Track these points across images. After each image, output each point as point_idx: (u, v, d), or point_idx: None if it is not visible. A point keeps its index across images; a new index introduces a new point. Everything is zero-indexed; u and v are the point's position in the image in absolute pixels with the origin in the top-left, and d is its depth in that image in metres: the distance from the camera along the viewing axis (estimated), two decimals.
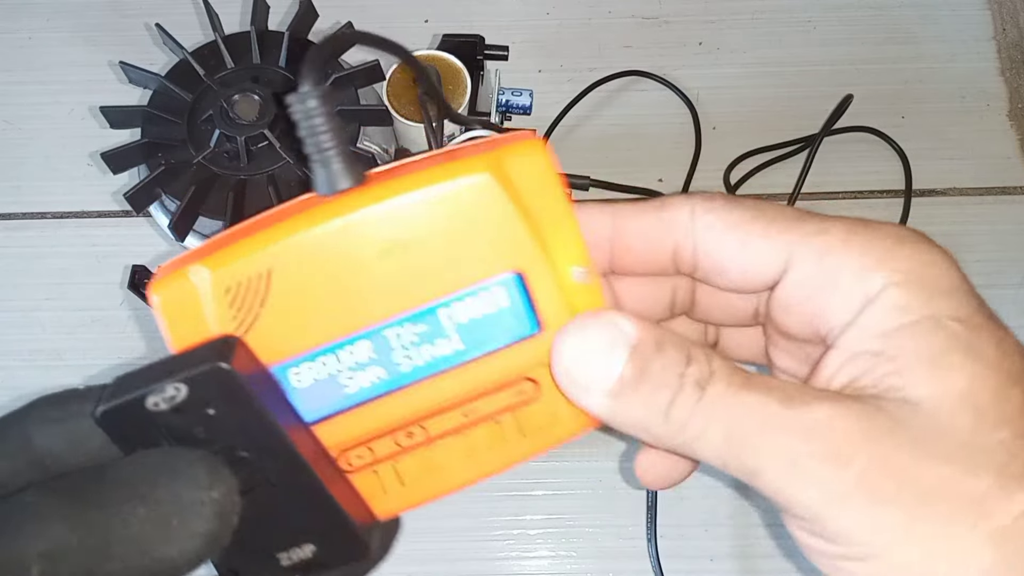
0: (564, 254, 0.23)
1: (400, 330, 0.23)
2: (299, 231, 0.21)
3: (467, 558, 0.57)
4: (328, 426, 0.23)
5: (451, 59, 0.43)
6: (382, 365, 0.23)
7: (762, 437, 0.21)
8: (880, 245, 0.24)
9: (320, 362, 0.23)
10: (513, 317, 0.23)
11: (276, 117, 0.38)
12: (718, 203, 0.24)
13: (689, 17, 0.73)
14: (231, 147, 0.38)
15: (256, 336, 0.22)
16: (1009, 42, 0.71)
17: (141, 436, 0.19)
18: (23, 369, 0.63)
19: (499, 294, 0.23)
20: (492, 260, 0.22)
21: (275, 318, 0.22)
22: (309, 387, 0.23)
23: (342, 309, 0.22)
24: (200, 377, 0.19)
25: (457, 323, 0.23)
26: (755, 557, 0.56)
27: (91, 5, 0.75)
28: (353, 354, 0.23)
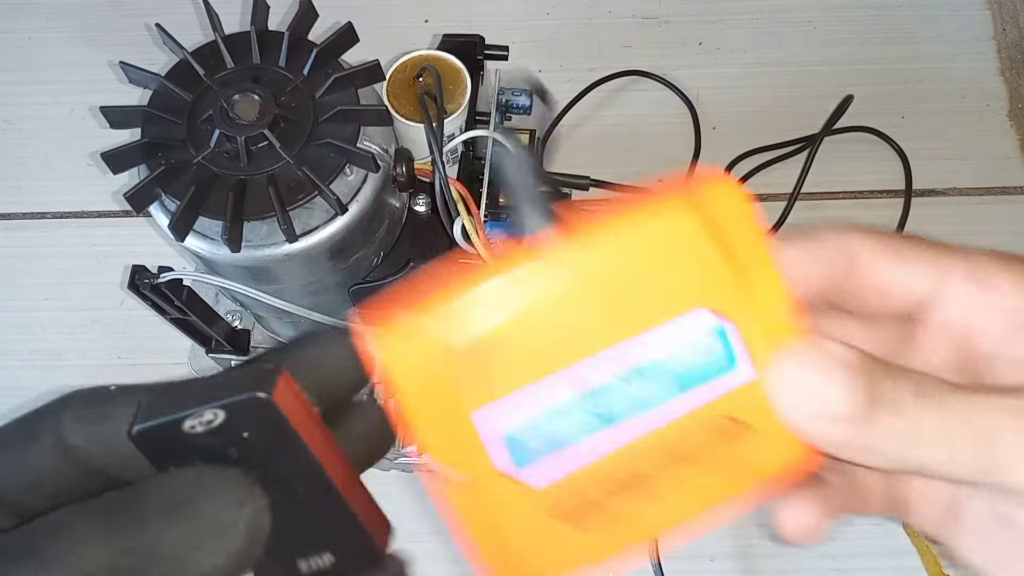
0: (763, 292, 0.22)
1: (600, 367, 0.22)
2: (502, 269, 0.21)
3: None
4: (566, 484, 0.23)
5: (451, 59, 0.43)
6: (588, 411, 0.22)
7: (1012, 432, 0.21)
8: None
9: (526, 404, 0.22)
10: (714, 355, 0.22)
11: (276, 117, 0.38)
12: (867, 229, 0.25)
13: (689, 17, 0.73)
14: (231, 147, 0.38)
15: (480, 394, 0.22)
16: (1009, 42, 0.71)
17: (174, 453, 0.19)
18: (23, 369, 0.63)
19: (699, 333, 0.22)
20: (692, 299, 0.22)
21: (498, 361, 0.22)
22: (516, 432, 0.23)
23: (553, 349, 0.22)
24: (240, 405, 0.19)
25: (654, 361, 0.22)
26: (755, 557, 0.56)
27: (91, 5, 0.75)
28: (556, 396, 0.22)
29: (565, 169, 0.52)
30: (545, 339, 0.22)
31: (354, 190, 0.40)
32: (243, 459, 0.19)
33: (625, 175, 0.60)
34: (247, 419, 0.19)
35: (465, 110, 0.42)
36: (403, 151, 0.42)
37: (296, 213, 0.38)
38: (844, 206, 0.66)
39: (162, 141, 0.39)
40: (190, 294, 0.47)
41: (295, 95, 0.40)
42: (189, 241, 0.39)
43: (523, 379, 0.22)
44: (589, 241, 0.21)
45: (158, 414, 0.19)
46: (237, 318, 0.56)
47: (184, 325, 0.50)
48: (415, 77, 0.42)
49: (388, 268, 0.44)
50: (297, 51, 0.41)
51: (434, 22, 0.73)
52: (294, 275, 0.41)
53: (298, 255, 0.39)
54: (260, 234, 0.39)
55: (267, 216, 0.38)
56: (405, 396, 0.22)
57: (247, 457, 0.19)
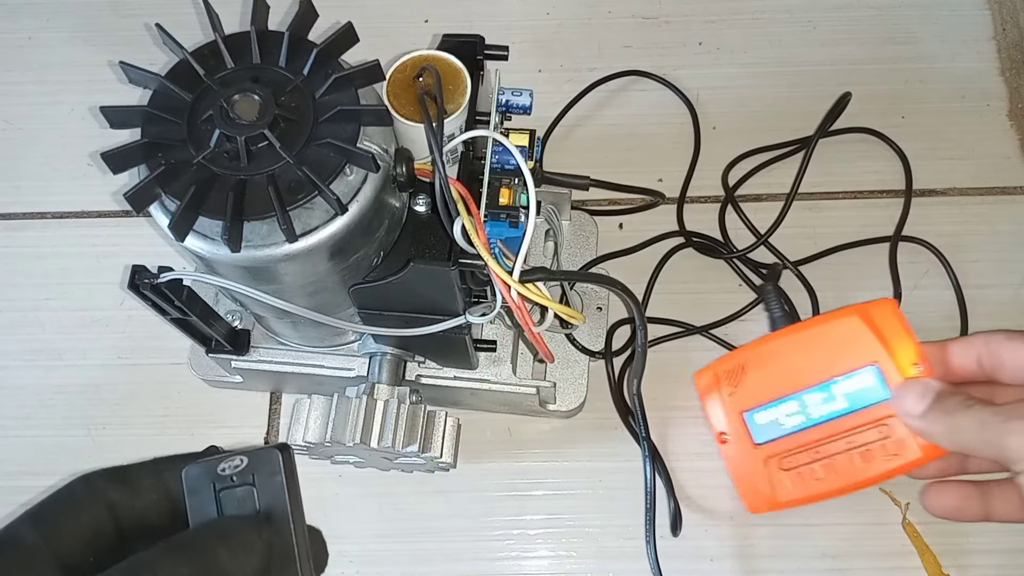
0: (905, 355, 0.44)
1: (810, 395, 0.45)
2: (761, 344, 0.47)
3: (467, 558, 0.57)
4: (773, 444, 0.46)
5: (451, 59, 0.43)
6: (803, 414, 0.45)
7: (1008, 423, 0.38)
8: None
9: (769, 411, 0.46)
10: (874, 388, 0.44)
11: (276, 117, 0.38)
12: (1005, 332, 0.43)
13: (689, 17, 0.73)
14: (231, 147, 0.38)
15: (735, 397, 0.47)
16: (1009, 42, 0.71)
17: (204, 489, 0.29)
18: (23, 369, 0.63)
19: (867, 376, 0.44)
20: (861, 358, 0.44)
21: (748, 386, 0.47)
22: (763, 423, 0.46)
23: (780, 382, 0.46)
24: (260, 453, 0.29)
25: (844, 392, 0.44)
26: (755, 557, 0.56)
27: (91, 5, 0.76)
28: (785, 407, 0.46)
29: (565, 169, 0.52)
30: (782, 376, 0.46)
31: (354, 190, 0.40)
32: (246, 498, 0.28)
33: (625, 175, 0.60)
34: (260, 464, 0.28)
35: (465, 110, 0.42)
36: (403, 151, 0.42)
37: (296, 213, 0.38)
38: (844, 206, 0.66)
39: (162, 141, 0.39)
40: (190, 294, 0.47)
41: (295, 95, 0.40)
42: (189, 241, 0.39)
43: (769, 397, 0.46)
44: (808, 325, 0.47)
45: (203, 461, 0.28)
46: (237, 318, 0.56)
47: (184, 325, 0.50)
48: (415, 77, 0.42)
49: (388, 268, 0.44)
50: (297, 51, 0.41)
51: (434, 22, 0.73)
52: (294, 275, 0.41)
53: (298, 255, 0.39)
54: (260, 234, 0.39)
55: (267, 216, 0.38)
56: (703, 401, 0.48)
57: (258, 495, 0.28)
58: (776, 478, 0.47)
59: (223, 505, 0.28)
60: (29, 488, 0.60)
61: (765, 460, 0.47)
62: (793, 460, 0.46)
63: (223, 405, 0.61)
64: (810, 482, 0.46)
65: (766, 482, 0.47)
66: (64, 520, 0.27)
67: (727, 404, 0.48)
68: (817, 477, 0.46)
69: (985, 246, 0.64)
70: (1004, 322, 0.61)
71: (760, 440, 0.47)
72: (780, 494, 0.47)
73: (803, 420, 0.46)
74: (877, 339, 0.45)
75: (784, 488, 0.47)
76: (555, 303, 0.43)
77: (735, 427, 0.48)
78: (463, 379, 0.55)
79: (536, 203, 0.41)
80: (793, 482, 0.46)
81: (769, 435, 0.47)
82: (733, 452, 0.48)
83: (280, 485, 0.28)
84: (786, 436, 0.46)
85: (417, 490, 0.59)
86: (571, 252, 0.62)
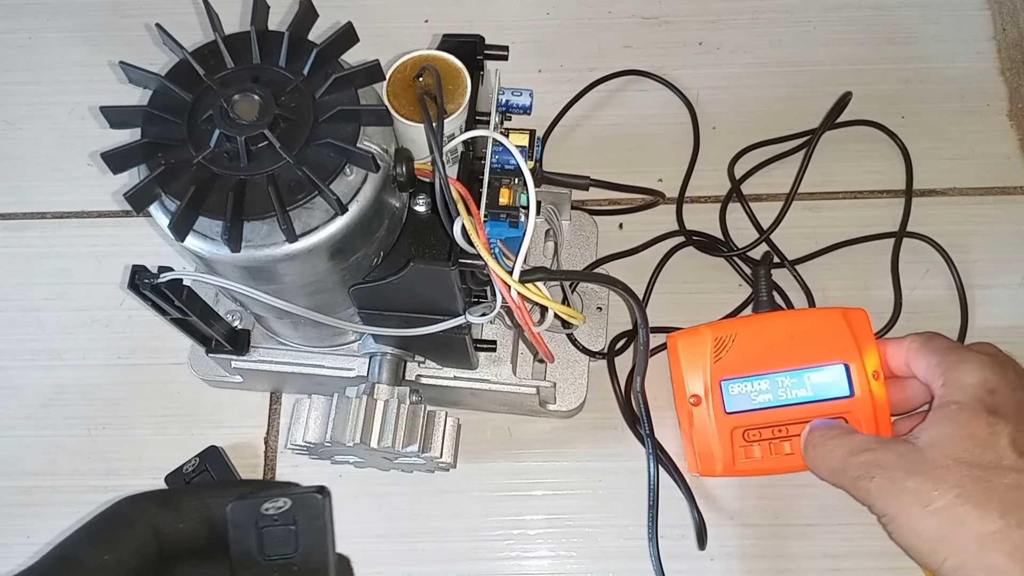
0: (871, 362, 0.50)
1: (783, 378, 0.51)
2: (751, 320, 0.54)
3: (467, 558, 0.57)
4: (741, 416, 0.51)
5: (451, 59, 0.43)
6: (771, 392, 0.51)
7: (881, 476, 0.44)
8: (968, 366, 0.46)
9: (744, 384, 0.51)
10: (840, 384, 0.50)
11: (276, 117, 0.38)
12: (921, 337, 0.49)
13: (689, 17, 0.73)
14: (231, 147, 0.38)
15: (719, 364, 0.51)
16: (1009, 42, 0.71)
17: (248, 525, 0.29)
18: (23, 369, 0.63)
19: (837, 372, 0.50)
20: (834, 354, 0.51)
21: (731, 357, 0.51)
22: (736, 394, 0.51)
23: (761, 359, 0.51)
24: (301, 497, 0.30)
25: (812, 381, 0.50)
26: (755, 557, 0.56)
27: (91, 5, 0.75)
28: (759, 384, 0.51)
29: (565, 169, 0.52)
30: (760, 354, 0.51)
31: (354, 190, 0.40)
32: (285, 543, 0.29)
33: (625, 175, 0.60)
34: (303, 507, 0.29)
35: (465, 110, 0.42)
36: (403, 151, 0.42)
37: (296, 213, 0.38)
38: (844, 206, 0.66)
39: (162, 141, 0.39)
40: (190, 294, 0.47)
41: (295, 95, 0.40)
42: (189, 241, 0.39)
43: (746, 371, 0.51)
44: (799, 312, 0.57)
45: (249, 497, 0.30)
46: (237, 318, 0.56)
47: (184, 325, 0.50)
48: (415, 77, 0.42)
49: (388, 268, 0.44)
50: (297, 51, 0.41)
51: (434, 22, 0.73)
52: (294, 275, 0.41)
53: (298, 255, 0.39)
54: (260, 234, 0.39)
55: (267, 216, 0.38)
56: (682, 362, 0.53)
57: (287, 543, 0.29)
58: (737, 447, 0.51)
59: (264, 542, 0.30)
60: (29, 488, 0.60)
61: (732, 429, 0.51)
62: (757, 433, 0.51)
63: (223, 405, 0.61)
64: (768, 456, 0.51)
65: (727, 449, 0.52)
66: (115, 539, 0.28)
67: (709, 369, 0.51)
68: (775, 453, 0.51)
69: (985, 246, 0.64)
70: (1004, 322, 0.61)
71: (731, 410, 0.51)
72: (738, 462, 0.52)
73: (771, 399, 0.51)
74: (853, 341, 0.50)
75: (741, 457, 0.52)
76: (555, 303, 0.43)
77: (711, 392, 0.52)
78: (463, 379, 0.55)
79: (536, 203, 0.41)
80: (750, 454, 0.51)
81: (740, 406, 0.51)
82: (702, 416, 0.52)
83: (322, 529, 0.30)
84: (755, 411, 0.51)
85: (417, 490, 0.59)
86: (571, 252, 0.62)
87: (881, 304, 0.61)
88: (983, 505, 0.41)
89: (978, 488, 0.41)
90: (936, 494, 0.41)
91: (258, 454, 0.60)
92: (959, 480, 0.41)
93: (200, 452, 0.58)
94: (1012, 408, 0.43)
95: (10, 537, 0.59)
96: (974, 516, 0.40)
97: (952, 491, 0.41)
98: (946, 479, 0.42)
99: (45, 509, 0.59)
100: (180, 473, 0.58)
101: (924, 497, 0.42)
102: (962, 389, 0.44)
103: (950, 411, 0.44)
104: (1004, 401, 0.44)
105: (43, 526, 0.59)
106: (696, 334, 0.53)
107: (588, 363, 0.59)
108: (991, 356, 0.46)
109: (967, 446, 0.42)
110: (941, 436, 0.43)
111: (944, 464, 0.42)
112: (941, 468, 0.42)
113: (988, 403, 0.43)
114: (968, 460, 0.42)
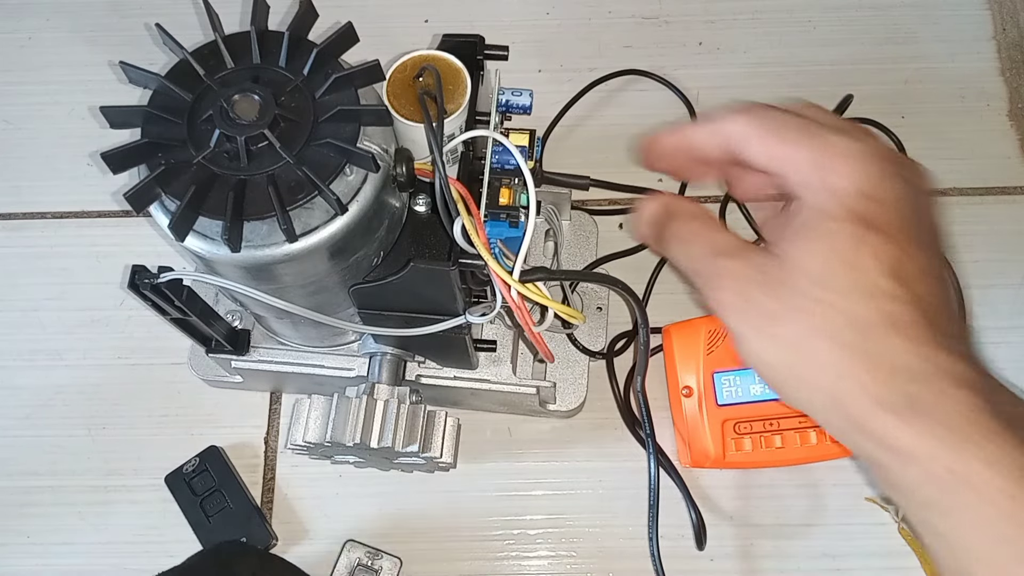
0: None
1: None
2: None
3: (467, 558, 0.57)
4: (733, 408, 0.51)
5: (451, 59, 0.43)
6: (763, 386, 0.50)
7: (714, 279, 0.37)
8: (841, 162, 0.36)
9: (736, 376, 0.52)
10: None
11: (276, 117, 0.38)
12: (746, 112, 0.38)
13: (689, 17, 0.73)
14: (231, 147, 0.38)
15: (712, 356, 0.52)
16: (1009, 42, 0.71)
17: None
18: (23, 369, 0.63)
19: None
20: None
21: (724, 349, 0.52)
22: (728, 387, 0.51)
23: None
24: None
25: None
26: (755, 557, 0.56)
27: (91, 5, 0.75)
28: (751, 377, 0.52)
29: (565, 169, 0.52)
30: None
31: (354, 190, 0.40)
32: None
33: (625, 175, 0.60)
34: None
35: (465, 110, 0.42)
36: (403, 151, 0.42)
37: (296, 213, 0.38)
38: None
39: (162, 141, 0.39)
40: (190, 294, 0.47)
41: (295, 95, 0.40)
42: (189, 241, 0.39)
43: (739, 363, 0.50)
44: None
45: None
46: (237, 318, 0.56)
47: (184, 325, 0.50)
48: (415, 77, 0.42)
49: (388, 268, 0.44)
50: (297, 51, 0.41)
51: (434, 22, 0.73)
52: (294, 275, 0.41)
53: (298, 255, 0.39)
54: (260, 234, 0.39)
55: (267, 216, 0.38)
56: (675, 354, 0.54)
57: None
58: (728, 439, 0.52)
59: None
60: (29, 488, 0.60)
61: (723, 421, 0.52)
62: (748, 426, 0.52)
63: (223, 405, 0.61)
64: (759, 449, 0.52)
65: (718, 441, 0.52)
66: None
67: (703, 361, 0.52)
68: (766, 446, 0.52)
69: (985, 246, 0.64)
70: (1004, 322, 0.61)
71: (723, 402, 0.52)
72: (728, 454, 0.52)
73: (763, 392, 0.52)
74: None
75: (732, 450, 0.52)
76: (555, 303, 0.43)
77: (703, 384, 0.52)
78: (463, 379, 0.55)
79: (536, 203, 0.41)
80: (741, 446, 0.52)
81: (732, 399, 0.52)
82: (693, 407, 0.53)
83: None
84: (747, 404, 0.52)
85: (417, 490, 0.59)
86: (571, 252, 0.62)
87: None
88: (836, 338, 0.34)
89: (837, 319, 0.34)
90: (787, 320, 0.35)
91: (258, 454, 0.60)
92: (816, 308, 0.34)
93: (200, 452, 0.58)
94: (889, 218, 0.36)
95: (10, 537, 0.59)
96: (824, 350, 0.34)
97: (806, 319, 0.34)
98: (802, 305, 0.34)
99: (45, 509, 0.59)
100: (180, 473, 0.58)
101: (774, 322, 0.35)
102: (832, 194, 0.36)
103: (815, 221, 0.36)
104: (880, 209, 0.36)
105: (43, 526, 0.59)
106: (690, 326, 0.53)
107: (588, 363, 0.59)
108: (869, 148, 0.37)
109: (833, 267, 0.35)
110: (802, 252, 0.35)
111: (802, 287, 0.35)
112: (798, 291, 0.35)
113: (864, 215, 0.35)
114: (832, 285, 0.34)
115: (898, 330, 0.34)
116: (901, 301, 0.34)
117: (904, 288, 0.35)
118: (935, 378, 0.33)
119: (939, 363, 0.33)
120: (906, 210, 0.38)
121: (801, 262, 0.35)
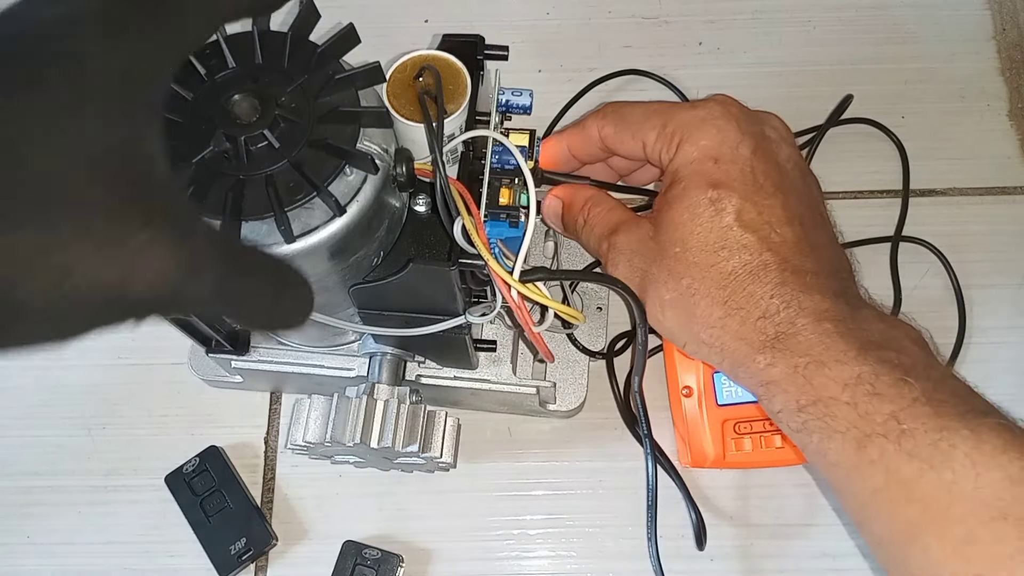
0: None
1: None
2: None
3: (467, 558, 0.57)
4: (733, 408, 0.51)
5: (451, 59, 0.43)
6: None
7: None
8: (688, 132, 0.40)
9: None
10: None
11: (276, 118, 0.38)
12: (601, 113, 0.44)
13: (689, 17, 0.73)
14: (231, 147, 0.38)
15: None
16: (1009, 42, 0.71)
17: (349, 559, 0.53)
18: (23, 369, 0.63)
19: None
20: None
21: None
22: (728, 386, 0.51)
23: None
24: (388, 555, 0.52)
25: None
26: (755, 557, 0.56)
27: None
28: None
29: None
30: None
31: (354, 190, 0.40)
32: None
33: None
34: (386, 563, 0.53)
35: (465, 110, 0.42)
36: (403, 151, 0.42)
37: (295, 213, 0.38)
38: (843, 205, 0.66)
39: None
40: None
41: (295, 95, 0.40)
42: None
43: None
44: None
45: (354, 543, 0.52)
46: None
47: (184, 325, 0.50)
48: (415, 77, 0.42)
49: (388, 268, 0.44)
50: (299, 52, 0.41)
51: (434, 22, 0.73)
52: None
53: (297, 255, 0.39)
54: (260, 234, 0.39)
55: (266, 216, 0.38)
56: (676, 353, 0.53)
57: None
58: (728, 439, 0.52)
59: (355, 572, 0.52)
60: (29, 488, 0.60)
61: (723, 421, 0.52)
62: (748, 426, 0.52)
63: (223, 405, 0.61)
64: (759, 449, 0.52)
65: (718, 441, 0.52)
66: None
67: (702, 361, 0.51)
68: (766, 446, 0.52)
69: (985, 246, 0.64)
70: (1004, 322, 0.61)
71: (723, 402, 0.52)
72: (728, 454, 0.52)
73: None
74: None
75: (732, 450, 0.52)
76: (555, 303, 0.43)
77: (703, 384, 0.52)
78: (463, 379, 0.55)
79: (536, 203, 0.41)
80: (741, 446, 0.52)
81: (732, 399, 0.52)
82: (694, 407, 0.52)
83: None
84: (746, 404, 0.51)
85: (417, 490, 0.59)
86: (571, 252, 0.62)
87: (881, 303, 0.61)
88: (709, 295, 0.38)
89: (707, 277, 0.38)
90: (671, 286, 0.39)
91: (258, 454, 0.60)
92: (689, 270, 0.38)
93: (200, 452, 0.58)
94: (736, 174, 0.39)
95: (10, 537, 0.59)
96: (703, 306, 0.38)
97: (683, 281, 0.39)
98: (677, 270, 0.39)
99: (45, 509, 0.59)
100: (180, 473, 0.58)
101: (662, 288, 0.39)
102: (686, 163, 0.40)
103: (674, 190, 0.40)
104: (727, 168, 0.39)
105: (43, 526, 0.59)
106: None
107: (588, 363, 0.59)
108: (714, 114, 0.40)
109: (693, 230, 0.38)
110: (668, 221, 0.39)
111: (674, 253, 0.39)
112: (671, 257, 0.39)
113: (712, 176, 0.39)
114: (696, 244, 0.38)
115: (756, 277, 0.37)
116: (756, 250, 0.38)
117: (757, 237, 0.38)
118: (797, 316, 0.36)
119: (800, 303, 0.37)
120: (757, 164, 0.40)
121: (669, 230, 0.39)
